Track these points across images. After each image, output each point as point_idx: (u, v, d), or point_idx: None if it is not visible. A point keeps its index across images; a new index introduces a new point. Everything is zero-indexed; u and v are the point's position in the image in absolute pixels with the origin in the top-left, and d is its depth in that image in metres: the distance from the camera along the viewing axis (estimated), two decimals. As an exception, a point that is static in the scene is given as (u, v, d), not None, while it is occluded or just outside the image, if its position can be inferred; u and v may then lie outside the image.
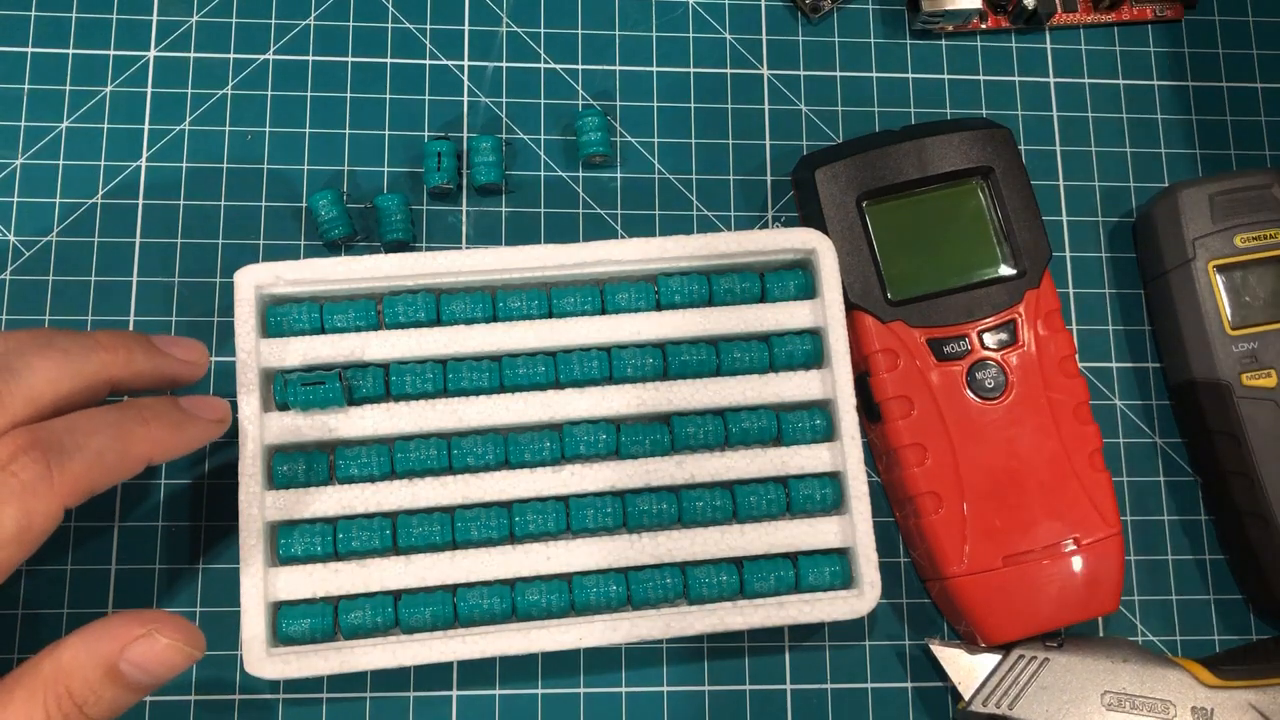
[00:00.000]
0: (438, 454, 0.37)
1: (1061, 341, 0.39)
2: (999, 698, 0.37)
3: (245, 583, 0.35)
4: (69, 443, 0.29)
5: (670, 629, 0.36)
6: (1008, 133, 0.41)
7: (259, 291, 0.37)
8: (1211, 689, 0.37)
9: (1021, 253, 0.40)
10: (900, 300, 0.39)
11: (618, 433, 0.38)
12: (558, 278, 0.39)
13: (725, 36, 0.45)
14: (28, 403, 0.30)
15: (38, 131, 0.42)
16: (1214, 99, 0.46)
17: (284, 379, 0.37)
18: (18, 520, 0.28)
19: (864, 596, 0.37)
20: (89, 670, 0.29)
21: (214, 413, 0.34)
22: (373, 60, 0.43)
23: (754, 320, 0.39)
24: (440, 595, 0.36)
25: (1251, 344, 0.40)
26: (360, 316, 0.38)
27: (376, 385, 0.38)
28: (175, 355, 0.34)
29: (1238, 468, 0.40)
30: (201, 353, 0.35)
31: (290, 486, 0.37)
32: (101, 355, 0.32)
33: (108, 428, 0.31)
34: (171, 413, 0.33)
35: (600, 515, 0.37)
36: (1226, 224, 0.41)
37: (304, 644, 0.36)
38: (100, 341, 0.32)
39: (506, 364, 0.38)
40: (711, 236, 0.39)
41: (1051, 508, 0.38)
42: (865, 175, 0.40)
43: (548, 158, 0.43)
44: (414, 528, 0.37)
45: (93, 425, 0.30)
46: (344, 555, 0.37)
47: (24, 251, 0.41)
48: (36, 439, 0.29)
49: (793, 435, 0.38)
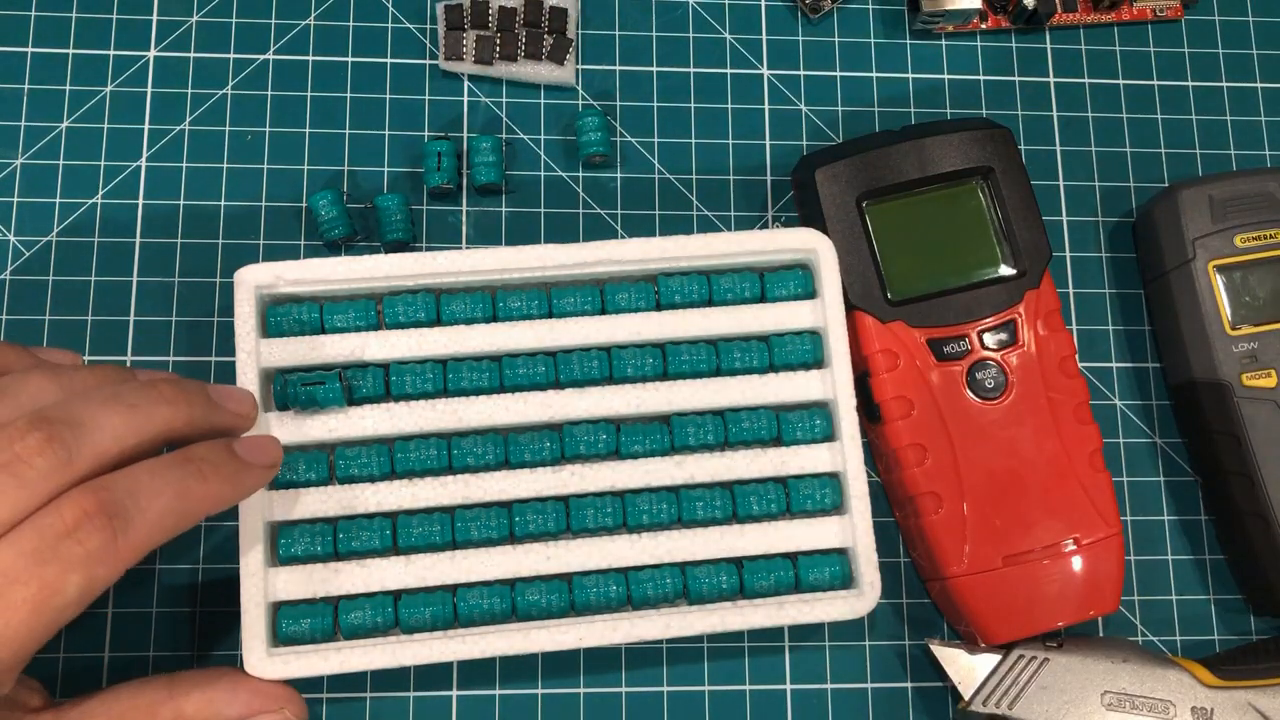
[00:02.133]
0: (438, 454, 0.37)
1: (1061, 341, 0.39)
2: (999, 698, 0.37)
3: (245, 583, 0.35)
4: (133, 508, 0.29)
5: (670, 629, 0.36)
6: (1008, 133, 0.41)
7: (259, 291, 0.37)
8: (1211, 689, 0.37)
9: (1021, 253, 0.40)
10: (900, 300, 0.39)
11: (618, 433, 0.38)
12: (558, 278, 0.39)
13: (725, 36, 0.45)
14: (94, 460, 0.29)
15: (38, 131, 0.42)
16: (1214, 99, 0.46)
17: (284, 379, 0.37)
18: (81, 588, 0.28)
19: (864, 597, 0.37)
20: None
21: (268, 457, 0.34)
22: (373, 60, 0.43)
23: (754, 321, 0.39)
24: (440, 595, 0.36)
25: (1251, 344, 0.40)
26: (360, 316, 0.38)
27: (376, 385, 0.38)
28: (229, 409, 0.34)
29: (1238, 468, 0.40)
30: (253, 405, 0.35)
31: (290, 486, 0.37)
32: (165, 411, 0.31)
33: (169, 488, 0.30)
34: (229, 464, 0.32)
35: (600, 515, 0.37)
36: (1226, 224, 0.41)
37: (304, 644, 0.36)
38: (165, 395, 0.31)
39: (506, 364, 0.38)
40: (712, 237, 0.39)
41: (1051, 508, 0.38)
42: (865, 175, 0.40)
43: (548, 158, 0.43)
44: (414, 528, 0.37)
45: (155, 487, 0.30)
46: (344, 555, 0.37)
47: (24, 251, 0.41)
48: (103, 505, 0.28)
49: (792, 436, 0.38)
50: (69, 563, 0.28)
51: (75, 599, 0.28)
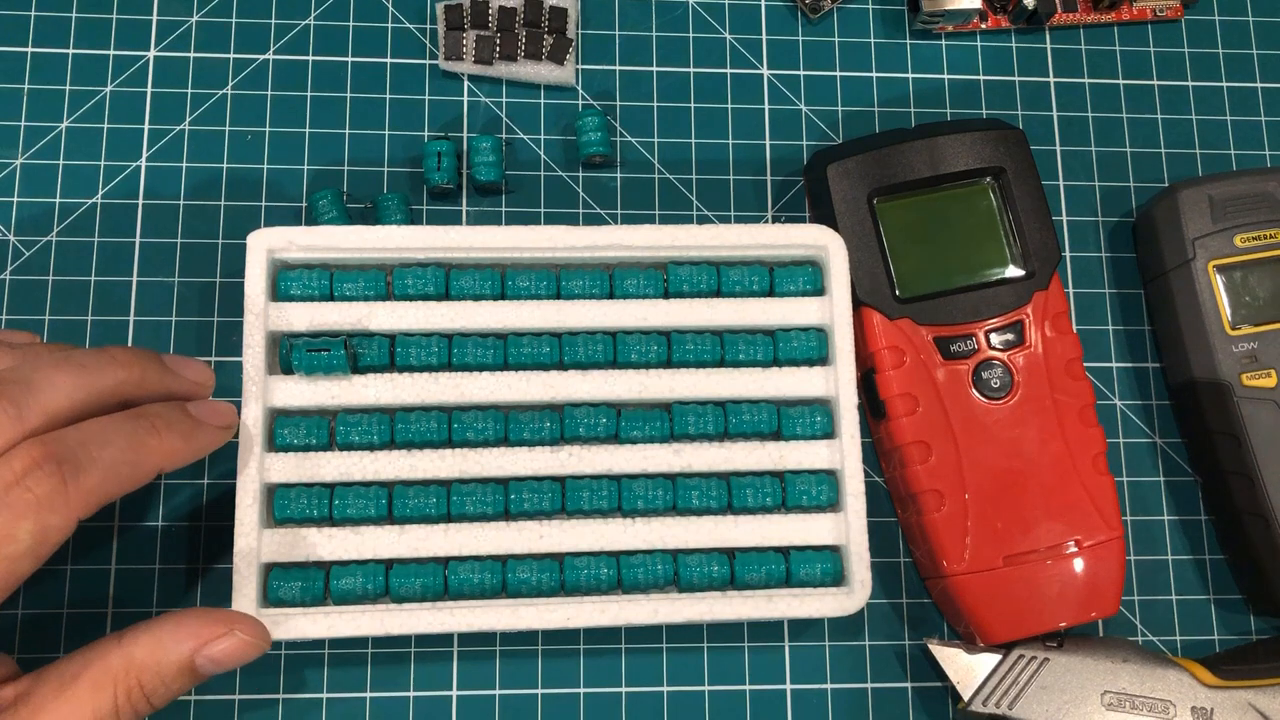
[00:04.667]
0: (438, 427, 0.37)
1: (1068, 344, 0.39)
2: (999, 698, 0.37)
3: (238, 543, 0.36)
4: (83, 456, 0.30)
5: (658, 615, 0.36)
6: (1021, 134, 0.41)
7: (271, 255, 0.38)
8: (1211, 689, 0.37)
9: (1031, 254, 0.40)
10: (908, 298, 0.39)
11: (618, 417, 0.38)
12: (567, 259, 0.39)
13: (725, 36, 0.45)
14: (43, 415, 0.30)
15: (38, 131, 0.42)
16: (1214, 99, 0.46)
17: (289, 343, 0.37)
18: (33, 534, 0.29)
19: (854, 595, 0.37)
20: (165, 666, 0.31)
21: (222, 419, 0.34)
22: (373, 60, 0.43)
23: (760, 314, 0.39)
24: (432, 567, 0.36)
25: (1251, 344, 0.40)
26: (369, 286, 0.38)
27: (382, 355, 0.38)
28: (185, 376, 0.34)
29: (1238, 468, 0.40)
30: (209, 376, 0.35)
31: (289, 450, 0.37)
32: (117, 372, 0.32)
33: (121, 439, 0.31)
34: (182, 421, 0.33)
35: (595, 498, 0.37)
36: (1226, 224, 0.41)
37: (294, 606, 0.36)
38: (116, 358, 0.32)
39: (512, 342, 0.38)
40: (723, 228, 0.39)
41: (1054, 509, 0.38)
42: (877, 172, 0.40)
43: (548, 158, 0.43)
44: (410, 499, 0.37)
45: (106, 437, 0.30)
46: (339, 521, 0.37)
47: (24, 251, 0.41)
48: (51, 453, 0.29)
49: (792, 430, 0.39)
50: (19, 510, 0.28)
51: (28, 547, 0.29)
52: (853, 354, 0.38)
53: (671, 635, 0.39)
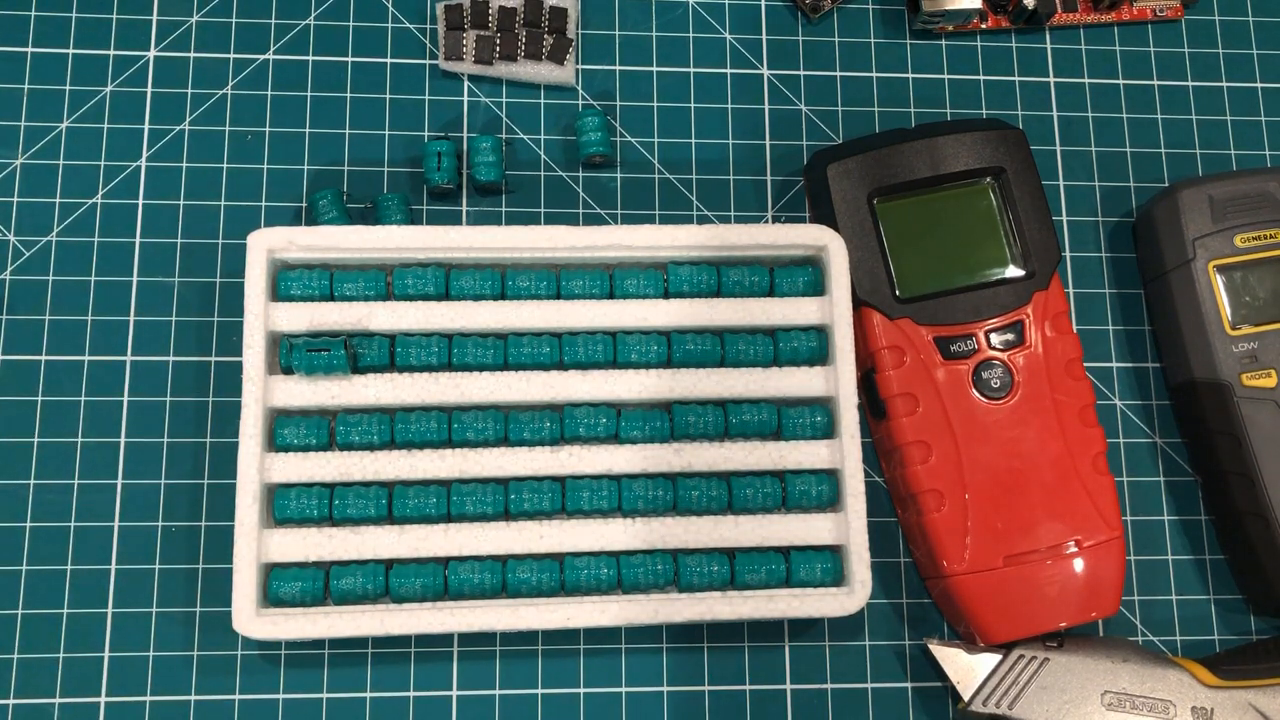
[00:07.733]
0: (438, 427, 0.37)
1: (1069, 344, 0.39)
2: (999, 698, 0.37)
3: (239, 543, 0.36)
4: None
5: (658, 615, 0.36)
6: (1021, 134, 0.41)
7: (271, 255, 0.38)
8: (1211, 689, 0.37)
9: (1031, 254, 0.40)
10: (908, 298, 0.39)
11: (618, 417, 0.38)
12: (568, 259, 0.39)
13: (725, 36, 0.45)
14: None
15: (38, 131, 0.42)
16: (1214, 99, 0.46)
17: (289, 343, 0.37)
18: None
19: (854, 594, 0.37)
20: None
21: None
22: (373, 60, 0.43)
23: (761, 314, 0.39)
24: (432, 567, 0.37)
25: (1251, 344, 0.40)
26: (369, 286, 0.38)
27: (382, 355, 0.38)
28: None
29: (1238, 468, 0.40)
30: None
31: (289, 450, 0.37)
32: None
33: None
34: None
35: (595, 498, 0.37)
36: (1226, 224, 0.41)
37: (294, 606, 0.36)
38: None
39: (512, 342, 0.38)
40: (723, 228, 0.39)
41: (1054, 509, 0.38)
42: (877, 172, 0.40)
43: (548, 158, 0.43)
44: (410, 498, 0.37)
45: None
46: (339, 521, 0.37)
47: (24, 251, 0.41)
48: None
49: (792, 430, 0.39)
50: None
51: None
52: (853, 354, 0.38)
53: (671, 635, 0.39)
